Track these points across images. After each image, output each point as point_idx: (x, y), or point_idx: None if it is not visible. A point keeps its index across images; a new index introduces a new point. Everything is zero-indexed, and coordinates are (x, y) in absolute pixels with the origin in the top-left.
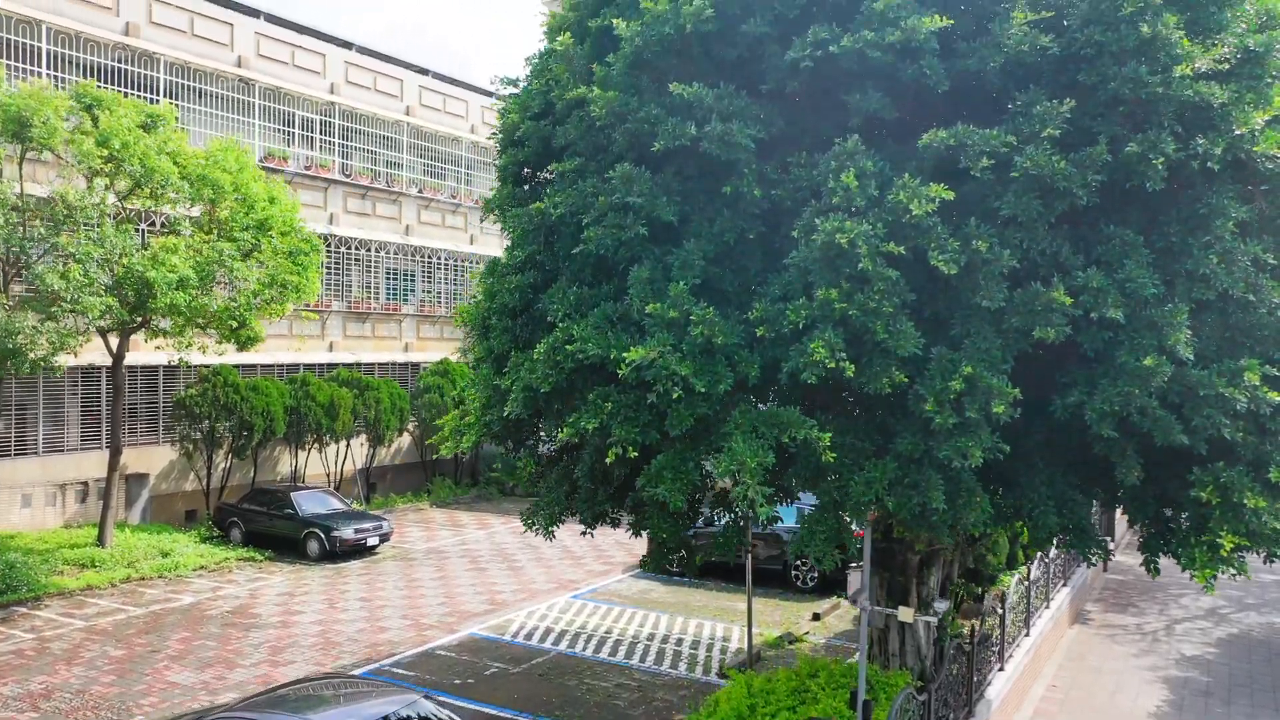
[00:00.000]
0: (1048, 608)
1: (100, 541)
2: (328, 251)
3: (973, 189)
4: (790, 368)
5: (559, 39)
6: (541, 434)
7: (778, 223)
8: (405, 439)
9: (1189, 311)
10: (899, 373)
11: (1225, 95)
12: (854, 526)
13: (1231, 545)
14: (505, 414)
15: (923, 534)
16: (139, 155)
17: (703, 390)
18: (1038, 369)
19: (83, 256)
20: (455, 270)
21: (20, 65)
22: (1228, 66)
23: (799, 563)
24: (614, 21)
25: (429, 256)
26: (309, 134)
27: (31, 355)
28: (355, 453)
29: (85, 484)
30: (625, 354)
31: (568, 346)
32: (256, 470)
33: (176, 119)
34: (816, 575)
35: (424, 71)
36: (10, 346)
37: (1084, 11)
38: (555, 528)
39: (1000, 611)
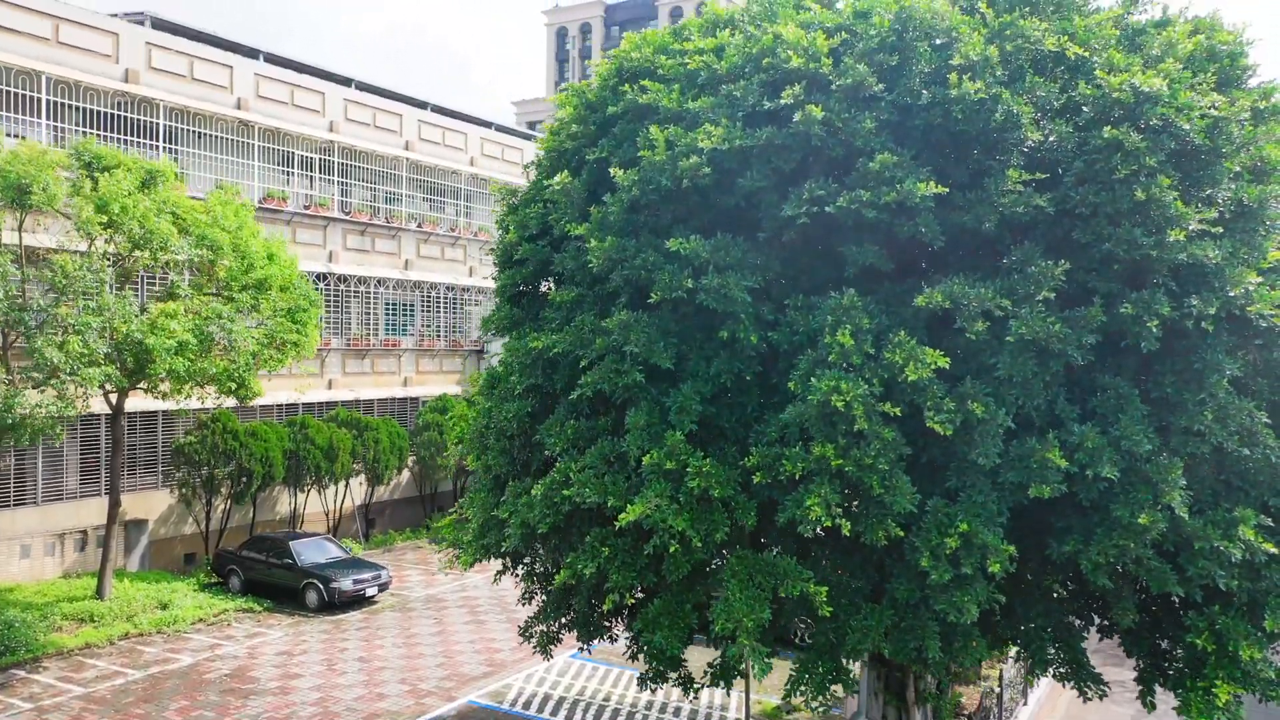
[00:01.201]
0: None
1: (99, 593)
2: (326, 289)
3: (969, 344)
4: (787, 518)
5: (557, 178)
6: (540, 553)
7: (774, 361)
8: (404, 474)
9: (1184, 465)
10: (895, 526)
11: (1219, 255)
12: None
13: (1227, 696)
14: (503, 548)
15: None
16: (138, 217)
17: (699, 544)
18: (1034, 512)
19: (82, 327)
20: (454, 303)
21: (19, 116)
22: (1222, 220)
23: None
24: (612, 172)
25: (428, 290)
26: (308, 173)
27: (32, 427)
28: (354, 490)
29: (84, 532)
30: (623, 509)
31: (565, 491)
32: (255, 511)
33: (176, 174)
34: None
35: (423, 105)
36: (10, 422)
37: (1079, 169)
38: (553, 646)
39: (997, 690)
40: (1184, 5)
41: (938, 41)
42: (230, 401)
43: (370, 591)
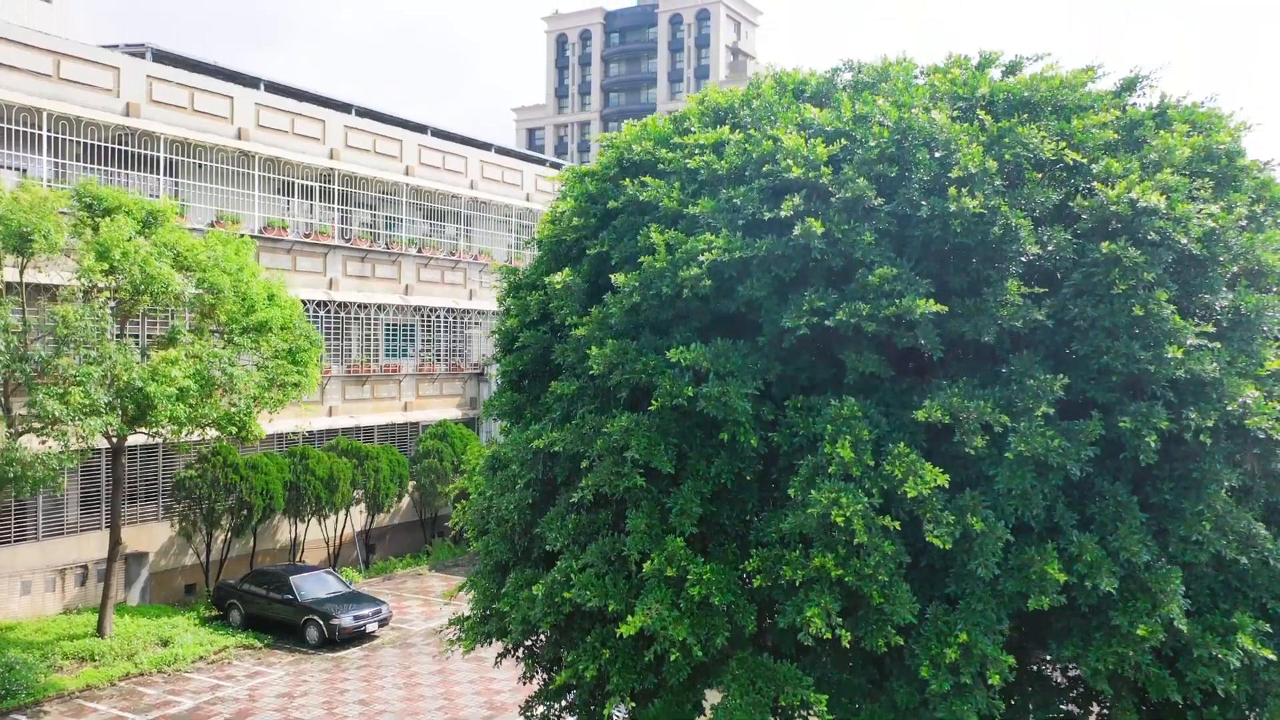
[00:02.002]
0: None
1: (100, 630)
2: (327, 317)
3: (968, 455)
4: (787, 623)
5: (558, 276)
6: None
7: (774, 459)
8: (405, 499)
9: (1182, 573)
10: (895, 634)
11: (1216, 369)
12: None
13: None
14: (504, 639)
15: None
16: (139, 262)
17: (700, 651)
18: (1034, 615)
19: (83, 378)
20: (454, 327)
21: (20, 153)
22: (1220, 328)
23: None
24: (614, 278)
25: (428, 314)
26: (309, 201)
27: (32, 479)
28: (355, 516)
29: (85, 567)
30: (624, 613)
31: (566, 593)
32: (256, 541)
33: (177, 212)
34: None
35: (423, 129)
36: (11, 475)
37: (1077, 281)
38: None
39: None
40: (1182, 91)
41: (937, 155)
42: None
43: (371, 627)
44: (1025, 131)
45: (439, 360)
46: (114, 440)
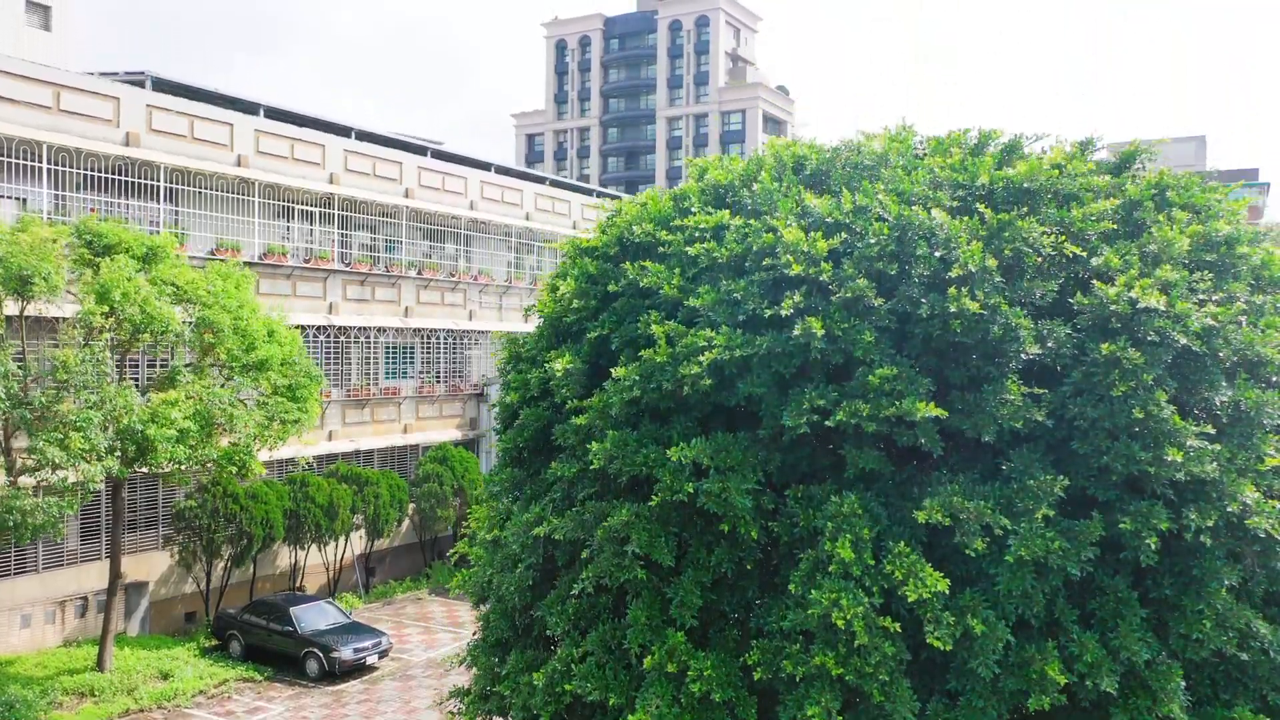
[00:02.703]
0: None
1: (100, 664)
2: (326, 341)
3: (968, 555)
4: (788, 718)
5: (559, 364)
6: None
7: (775, 547)
8: (405, 523)
9: (1183, 670)
10: None
11: (1216, 469)
12: None
13: None
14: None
15: None
16: (139, 302)
17: None
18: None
19: (83, 423)
20: (454, 348)
21: (20, 186)
22: (1219, 424)
23: None
24: (614, 372)
25: (428, 336)
26: (308, 226)
27: (32, 525)
28: (354, 539)
29: (85, 598)
30: (624, 708)
31: (566, 685)
32: (256, 567)
33: (177, 246)
34: None
35: (422, 151)
36: (11, 523)
37: (1077, 380)
38: None
39: None
40: (1176, 159)
41: (937, 254)
42: None
43: (371, 659)
44: (1025, 226)
45: (439, 381)
46: (114, 476)
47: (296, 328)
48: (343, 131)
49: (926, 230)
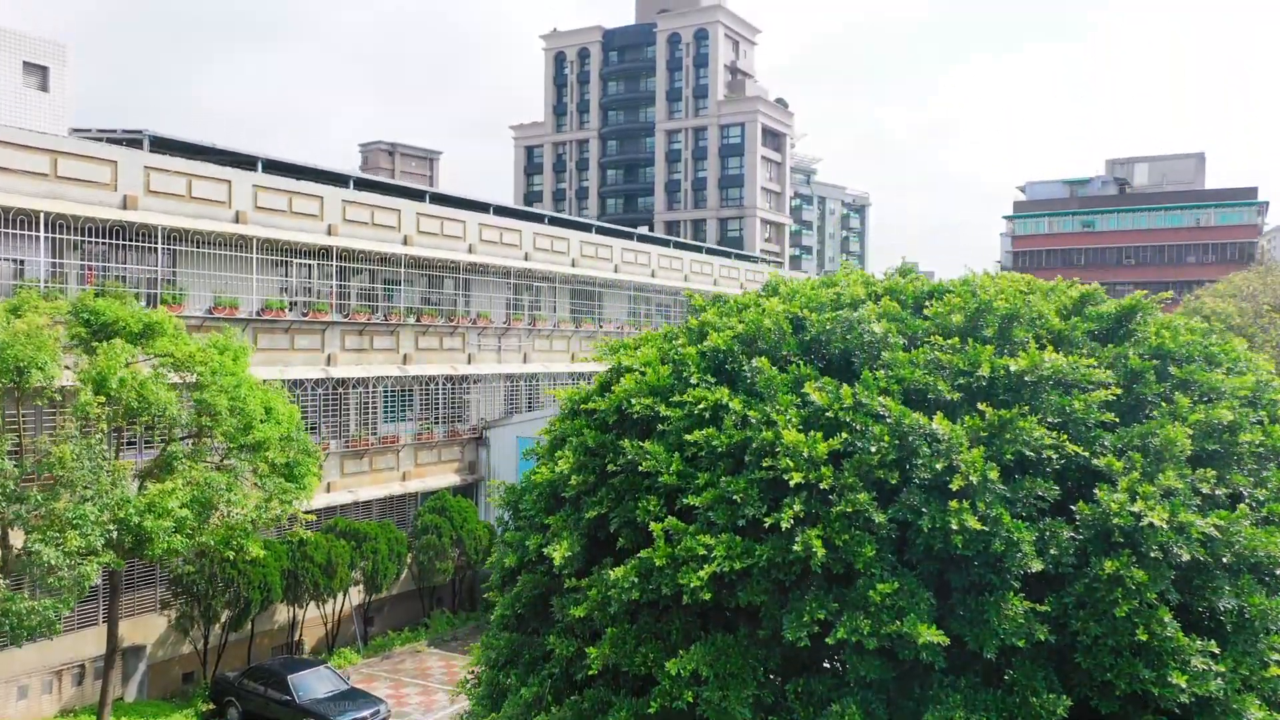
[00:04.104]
0: None
1: None
2: (325, 393)
3: None
4: None
5: (558, 552)
6: None
7: None
8: (404, 572)
9: None
10: None
11: (1221, 688)
12: None
13: None
14: None
15: None
16: (135, 386)
17: None
18: None
19: (79, 521)
20: (453, 392)
21: (17, 252)
22: (1224, 632)
23: None
24: (611, 574)
25: (427, 383)
26: (307, 280)
27: (29, 626)
28: (353, 591)
29: (82, 665)
30: None
31: None
32: (254, 626)
33: (175, 320)
34: None
35: (420, 195)
36: (8, 627)
37: (1079, 592)
38: None
39: None
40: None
41: (938, 465)
42: None
43: None
44: (1026, 426)
45: (437, 425)
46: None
47: (294, 382)
48: (340, 180)
49: (927, 434)
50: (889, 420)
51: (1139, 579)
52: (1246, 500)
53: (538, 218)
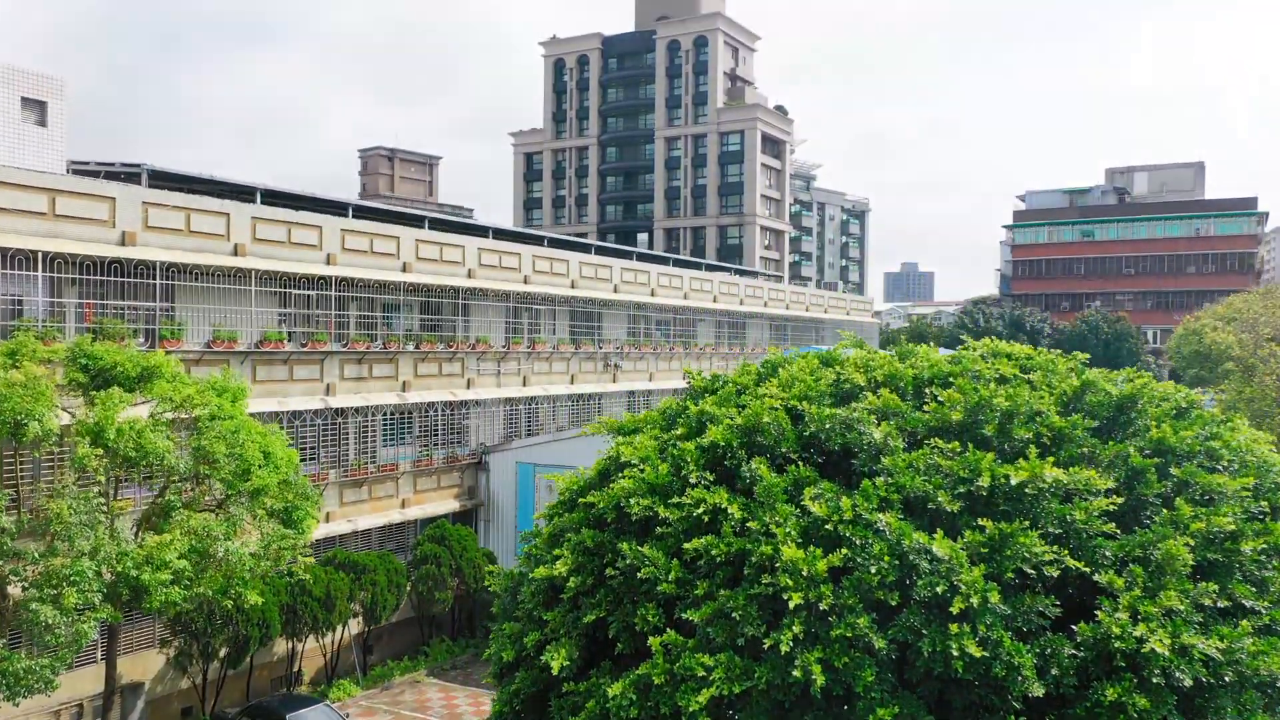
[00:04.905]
0: None
1: None
2: (324, 424)
3: None
4: None
5: (555, 661)
6: None
7: None
8: (403, 601)
9: None
10: None
11: None
12: None
13: None
14: None
15: None
16: (132, 438)
17: None
18: None
19: (77, 578)
20: (452, 418)
21: (15, 293)
22: None
23: None
24: (608, 691)
25: (426, 409)
26: (306, 309)
27: (27, 685)
28: (352, 621)
29: (80, 704)
30: None
31: None
32: (253, 659)
33: (172, 370)
34: None
35: (419, 221)
36: (5, 687)
37: (1079, 716)
38: None
39: None
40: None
41: (939, 588)
42: None
43: None
44: (1026, 541)
45: (436, 449)
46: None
47: (293, 414)
48: (339, 209)
49: (927, 554)
50: (889, 537)
51: (1141, 706)
52: (1249, 611)
53: (537, 240)
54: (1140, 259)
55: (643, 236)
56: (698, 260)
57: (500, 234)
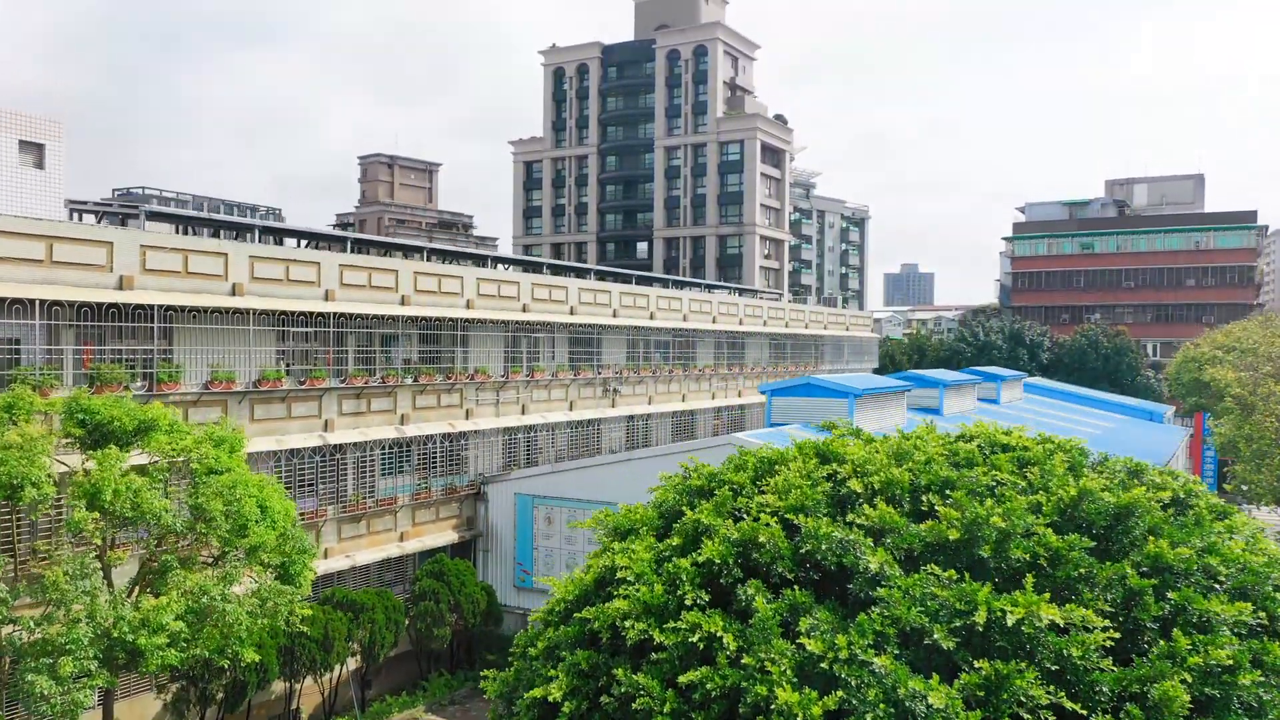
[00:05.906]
0: None
1: None
2: (321, 460)
3: None
4: None
5: None
6: None
7: None
8: (402, 636)
9: None
10: None
11: None
12: None
13: None
14: None
15: None
16: (129, 498)
17: None
18: None
19: (73, 645)
20: (451, 448)
21: (11, 339)
22: None
23: None
24: None
25: (424, 441)
26: (305, 346)
27: None
28: (349, 659)
29: None
30: None
31: None
32: (250, 699)
33: (169, 422)
34: None
35: (419, 251)
36: None
37: None
38: None
39: None
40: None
41: None
42: None
43: None
44: (1022, 684)
45: (435, 481)
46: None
47: (291, 452)
48: (338, 241)
49: (923, 700)
50: (885, 682)
51: None
52: None
53: (536, 267)
54: (1140, 272)
55: (642, 246)
56: (696, 280)
57: (499, 261)
